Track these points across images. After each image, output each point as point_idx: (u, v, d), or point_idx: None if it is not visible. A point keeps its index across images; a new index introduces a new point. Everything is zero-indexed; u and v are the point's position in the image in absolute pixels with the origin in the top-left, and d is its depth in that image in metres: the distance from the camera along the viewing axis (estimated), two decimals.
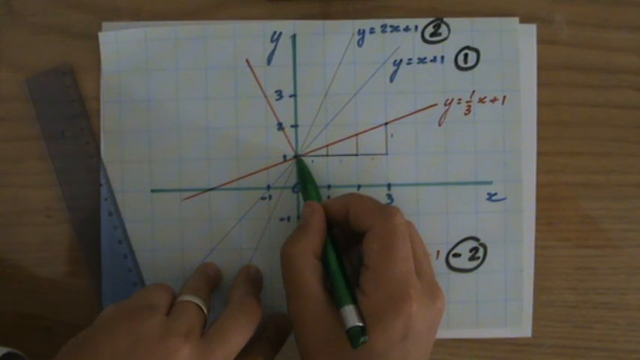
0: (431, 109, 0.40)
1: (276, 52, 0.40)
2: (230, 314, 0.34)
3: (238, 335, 0.33)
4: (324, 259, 0.35)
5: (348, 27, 0.40)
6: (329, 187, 0.40)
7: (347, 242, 0.37)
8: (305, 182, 0.39)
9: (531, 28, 0.40)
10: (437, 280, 0.35)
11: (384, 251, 0.32)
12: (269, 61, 0.40)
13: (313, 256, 0.34)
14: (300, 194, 0.40)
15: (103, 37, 0.40)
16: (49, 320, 0.41)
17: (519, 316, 0.40)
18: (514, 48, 0.40)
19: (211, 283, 0.38)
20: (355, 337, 0.31)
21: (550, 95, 0.40)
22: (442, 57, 0.40)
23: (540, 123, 0.40)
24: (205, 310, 0.34)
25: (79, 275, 0.41)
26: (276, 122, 0.40)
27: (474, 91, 0.40)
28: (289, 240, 0.35)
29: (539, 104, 0.40)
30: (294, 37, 0.40)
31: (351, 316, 0.31)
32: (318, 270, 0.34)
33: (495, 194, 0.40)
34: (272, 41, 0.40)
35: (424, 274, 0.34)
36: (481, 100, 0.40)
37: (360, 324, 0.31)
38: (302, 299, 0.33)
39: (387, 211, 0.34)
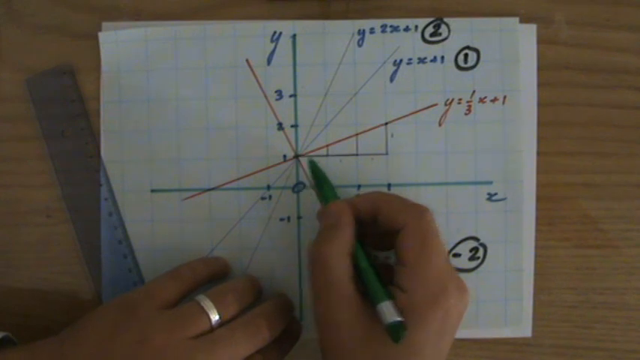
0: (431, 109, 0.40)
1: (276, 52, 0.40)
2: (245, 322, 0.35)
3: (246, 343, 0.34)
4: (353, 258, 0.34)
5: (348, 27, 0.40)
6: None
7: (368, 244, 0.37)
8: (321, 183, 0.38)
9: (531, 28, 0.40)
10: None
11: (421, 248, 0.33)
12: (269, 61, 0.40)
13: (347, 256, 0.34)
14: (299, 194, 0.40)
15: (103, 37, 0.40)
16: (49, 320, 0.41)
17: (519, 316, 0.40)
18: (514, 48, 0.40)
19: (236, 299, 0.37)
20: (396, 331, 0.31)
21: (550, 95, 0.40)
22: (442, 57, 0.40)
23: (540, 123, 0.40)
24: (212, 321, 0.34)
25: (79, 275, 0.41)
26: (276, 122, 0.40)
27: (474, 91, 0.40)
28: (322, 240, 0.34)
29: (539, 104, 0.40)
30: (294, 37, 0.40)
31: (389, 312, 0.32)
32: (350, 269, 0.34)
33: (495, 194, 0.40)
34: (272, 41, 0.40)
35: (452, 268, 0.34)
36: (481, 100, 0.40)
37: (400, 319, 0.31)
38: (338, 302, 0.33)
39: (418, 208, 0.34)
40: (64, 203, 0.41)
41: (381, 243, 0.36)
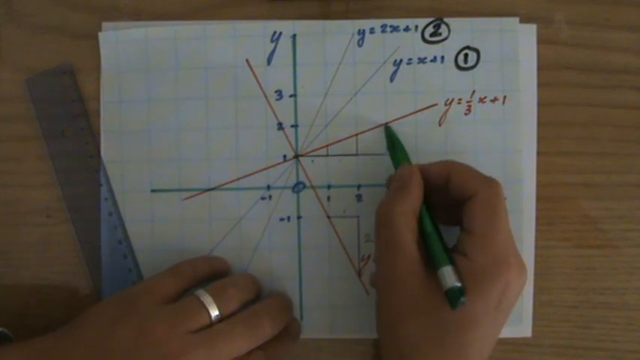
0: (431, 109, 0.40)
1: (276, 52, 0.40)
2: (246, 318, 0.35)
3: (246, 338, 0.34)
4: (419, 221, 0.34)
5: (348, 27, 0.40)
6: (329, 187, 0.40)
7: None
8: (395, 148, 0.38)
9: (531, 28, 0.40)
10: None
11: (490, 218, 0.33)
12: (269, 61, 0.40)
13: (414, 218, 0.34)
14: (299, 194, 0.40)
15: (103, 37, 0.40)
16: (48, 320, 0.41)
17: (519, 316, 0.40)
18: (514, 48, 0.40)
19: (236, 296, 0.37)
20: (455, 297, 0.31)
21: (550, 95, 0.40)
22: (442, 57, 0.40)
23: (540, 123, 0.40)
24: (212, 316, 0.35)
25: (79, 275, 0.41)
26: (276, 122, 0.40)
27: (474, 91, 0.40)
28: (388, 200, 0.35)
29: (539, 104, 0.40)
30: (294, 37, 0.40)
31: (449, 277, 0.32)
32: (415, 231, 0.34)
33: None
34: (272, 41, 0.40)
35: (514, 245, 0.34)
36: (481, 100, 0.40)
37: (459, 284, 0.31)
38: (400, 262, 0.33)
39: (490, 179, 0.34)
40: (64, 203, 0.41)
41: (446, 216, 0.36)
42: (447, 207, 0.35)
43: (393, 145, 0.38)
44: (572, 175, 0.41)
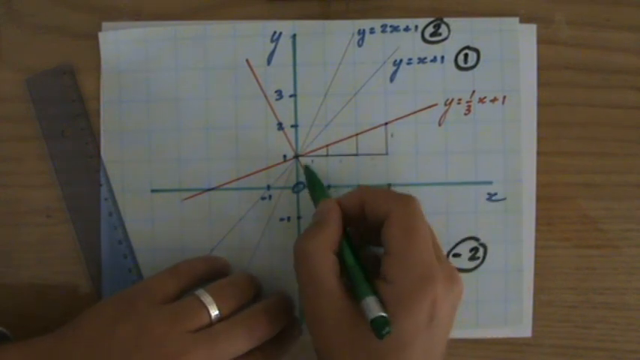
0: (431, 109, 0.40)
1: (276, 52, 0.40)
2: (246, 318, 0.35)
3: (246, 338, 0.34)
4: (340, 255, 0.34)
5: (348, 27, 0.40)
6: (329, 187, 0.40)
7: (360, 240, 0.37)
8: (314, 186, 0.38)
9: (531, 28, 0.40)
10: (453, 266, 0.35)
11: (406, 235, 0.32)
12: (269, 61, 0.40)
13: (331, 252, 0.34)
14: (299, 194, 0.40)
15: (103, 37, 0.40)
16: (49, 320, 0.41)
17: (519, 316, 0.40)
18: (514, 48, 0.40)
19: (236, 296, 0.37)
20: (379, 327, 0.30)
21: (550, 95, 0.40)
22: (442, 57, 0.40)
23: (540, 123, 0.40)
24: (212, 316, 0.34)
25: (79, 275, 0.41)
26: (276, 122, 0.40)
27: (474, 91, 0.40)
28: (305, 235, 0.34)
29: (539, 104, 0.40)
30: (294, 37, 0.40)
31: (373, 307, 0.31)
32: (335, 266, 0.33)
33: (495, 194, 0.40)
34: (272, 41, 0.40)
35: (442, 258, 0.34)
36: (481, 100, 0.40)
37: (384, 314, 0.31)
38: (321, 297, 0.33)
39: (403, 196, 0.34)
40: (64, 203, 0.41)
41: (376, 238, 0.36)
42: (372, 233, 0.35)
43: (312, 183, 0.38)
44: (572, 175, 0.41)
